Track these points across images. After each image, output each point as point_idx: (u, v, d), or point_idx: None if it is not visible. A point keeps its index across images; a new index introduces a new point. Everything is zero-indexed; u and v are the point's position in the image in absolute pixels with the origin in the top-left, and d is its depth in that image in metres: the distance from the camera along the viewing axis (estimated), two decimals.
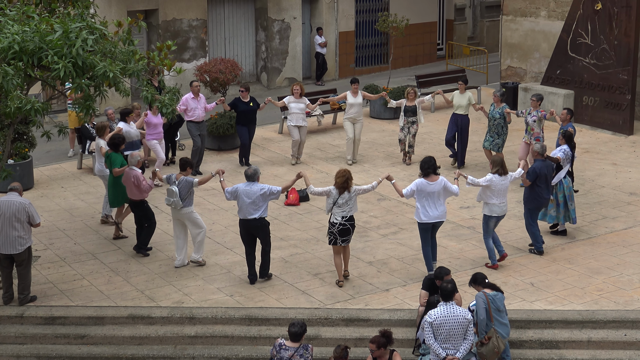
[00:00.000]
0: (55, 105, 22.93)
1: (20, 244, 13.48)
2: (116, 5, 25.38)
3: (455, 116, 20.00)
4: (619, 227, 16.61)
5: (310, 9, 30.46)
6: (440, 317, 11.26)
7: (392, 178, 14.18)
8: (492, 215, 14.65)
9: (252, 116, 20.40)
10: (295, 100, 20.34)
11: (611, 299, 13.71)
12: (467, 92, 20.06)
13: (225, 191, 14.25)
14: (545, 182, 15.19)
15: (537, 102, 18.61)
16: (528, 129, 18.58)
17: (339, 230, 13.93)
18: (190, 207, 14.70)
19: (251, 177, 14.10)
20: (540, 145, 15.40)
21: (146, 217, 15.43)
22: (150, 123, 19.06)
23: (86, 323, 13.51)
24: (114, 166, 15.65)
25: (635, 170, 19.87)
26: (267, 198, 14.05)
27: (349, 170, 14.03)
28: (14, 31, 12.23)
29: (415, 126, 20.13)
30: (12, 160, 18.41)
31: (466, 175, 14.56)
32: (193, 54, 27.35)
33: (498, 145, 19.11)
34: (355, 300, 13.77)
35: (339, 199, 13.85)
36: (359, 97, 20.38)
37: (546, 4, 25.49)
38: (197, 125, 20.02)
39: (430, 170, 14.13)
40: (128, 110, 18.61)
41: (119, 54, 12.96)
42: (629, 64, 22.38)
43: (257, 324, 13.34)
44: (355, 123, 20.39)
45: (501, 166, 14.61)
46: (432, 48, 33.69)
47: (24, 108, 12.23)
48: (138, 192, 15.17)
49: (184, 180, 14.57)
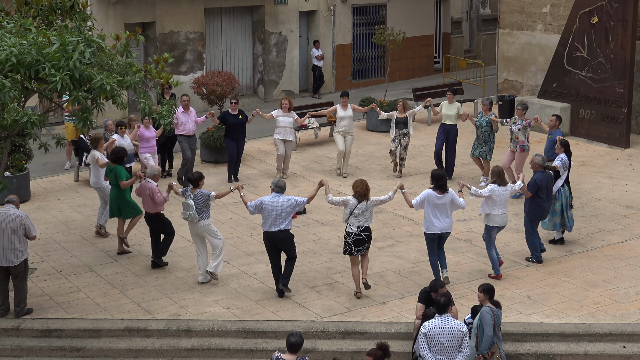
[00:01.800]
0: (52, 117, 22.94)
1: (17, 257, 13.46)
2: (113, 18, 25.42)
3: (444, 126, 20.03)
4: (616, 240, 16.62)
5: (307, 22, 30.53)
6: (434, 328, 11.27)
7: (404, 187, 14.22)
8: (493, 226, 14.68)
9: (241, 129, 20.32)
10: (284, 114, 20.31)
11: (608, 312, 13.71)
12: (456, 103, 20.11)
13: (248, 205, 14.06)
14: (546, 193, 15.24)
15: (522, 111, 18.73)
16: (513, 137, 18.70)
17: (354, 241, 13.88)
18: (207, 219, 14.57)
19: (284, 188, 14.03)
20: (541, 157, 15.45)
21: (164, 229, 15.40)
22: (143, 137, 19.02)
23: (82, 336, 13.47)
24: (120, 179, 15.64)
25: (631, 183, 19.90)
26: (294, 209, 14.02)
27: (365, 180, 14.04)
28: (12, 43, 12.25)
29: (407, 138, 20.13)
30: (9, 173, 18.41)
31: (470, 186, 14.59)
32: (190, 67, 27.38)
33: (486, 153, 19.22)
34: (352, 313, 13.75)
35: (355, 209, 13.82)
36: (349, 110, 20.42)
37: (543, 17, 25.57)
38: (188, 139, 20.01)
39: (439, 184, 14.12)
40: (122, 123, 18.60)
41: (116, 67, 12.98)
42: (625, 77, 22.44)
43: (254, 337, 13.32)
44: (346, 136, 20.43)
45: (499, 177, 14.65)
46: (429, 61, 33.78)
47: (21, 121, 12.23)
48: (153, 204, 15.16)
49: (200, 194, 14.44)
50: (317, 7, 30.14)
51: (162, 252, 15.49)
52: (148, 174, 15.32)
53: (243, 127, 20.36)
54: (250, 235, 16.92)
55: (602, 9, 22.68)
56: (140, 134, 18.98)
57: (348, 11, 30.90)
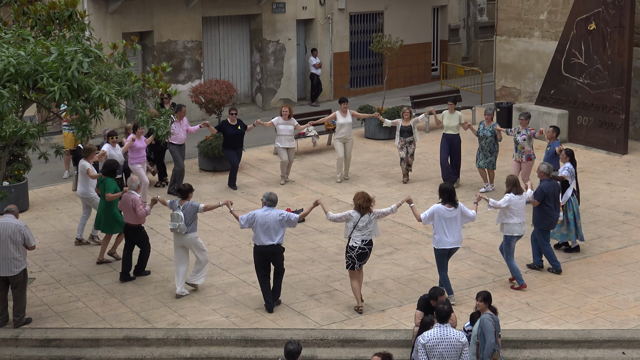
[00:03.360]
0: (50, 127, 22.96)
1: (16, 267, 13.45)
2: (111, 28, 25.45)
3: (446, 137, 19.97)
4: (614, 246, 16.63)
5: (304, 30, 30.57)
6: (433, 338, 11.08)
7: (412, 201, 14.09)
8: (513, 235, 14.60)
9: (240, 139, 20.39)
10: (284, 122, 20.37)
11: (607, 319, 13.71)
12: (457, 112, 20.03)
13: (239, 219, 13.97)
14: (553, 201, 15.18)
15: (525, 121, 18.72)
16: (518, 148, 18.64)
17: (358, 255, 13.71)
18: (194, 232, 14.49)
19: (275, 202, 13.97)
20: (547, 166, 15.40)
21: (142, 243, 15.34)
22: (134, 147, 18.92)
23: (81, 345, 13.46)
24: (108, 191, 15.59)
25: (629, 189, 19.92)
26: (285, 225, 13.91)
27: (366, 192, 13.86)
28: (10, 54, 12.27)
29: (413, 145, 20.17)
30: (7, 182, 18.41)
31: (487, 198, 14.48)
32: (188, 76, 27.41)
33: (492, 163, 19.19)
34: (351, 321, 13.75)
35: (359, 222, 13.66)
36: (349, 117, 20.44)
37: (540, 24, 25.61)
38: (179, 147, 20.04)
39: (447, 198, 13.98)
40: (113, 132, 18.49)
41: (114, 76, 12.99)
42: (623, 83, 22.47)
43: (253, 345, 13.31)
44: (346, 142, 20.45)
45: (515, 185, 14.59)
46: (427, 68, 33.83)
47: (20, 132, 12.23)
48: (135, 216, 15.10)
49: (189, 205, 14.39)
50: (314, 15, 30.19)
51: (142, 268, 15.48)
52: (131, 186, 15.29)
53: (241, 137, 20.41)
54: (249, 243, 16.88)
55: (599, 16, 22.73)
56: (132, 144, 18.92)
57: (345, 19, 30.95)
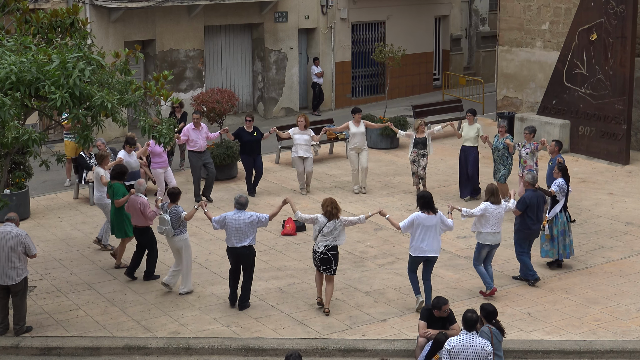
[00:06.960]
0: (52, 135, 22.96)
1: (17, 275, 13.43)
2: (113, 36, 25.48)
3: (464, 148, 19.84)
4: (616, 256, 16.60)
5: (306, 39, 30.59)
6: (459, 344, 11.00)
7: (386, 213, 14.16)
8: (484, 244, 14.63)
9: (256, 146, 20.43)
10: (300, 132, 20.38)
11: (609, 329, 13.68)
12: (476, 124, 19.82)
13: (212, 221, 14.31)
14: (535, 213, 15.13)
15: (530, 135, 18.49)
16: (521, 162, 18.50)
17: (320, 259, 13.98)
18: (183, 234, 14.79)
19: (244, 205, 14.17)
20: (532, 176, 15.37)
21: (150, 244, 15.54)
22: (154, 152, 19.17)
23: (82, 354, 13.43)
24: (116, 197, 15.65)
25: (631, 199, 19.90)
26: (256, 226, 14.14)
27: (334, 198, 14.10)
28: (12, 62, 12.27)
29: (425, 159, 19.70)
30: (9, 190, 18.40)
31: (460, 208, 14.57)
32: (190, 84, 27.43)
33: (505, 176, 19.01)
34: (352, 331, 13.72)
35: (324, 228, 13.87)
36: (362, 127, 20.37)
37: (542, 34, 25.63)
38: (199, 155, 20.07)
39: (423, 204, 14.02)
40: (132, 140, 18.61)
41: (116, 84, 13.00)
42: (625, 93, 22.47)
43: (254, 355, 13.29)
44: (360, 152, 20.37)
45: (493, 195, 14.59)
46: (429, 78, 33.84)
47: (22, 138, 12.25)
48: (143, 218, 15.25)
49: (175, 210, 14.71)
50: (316, 24, 30.21)
51: (150, 271, 15.65)
52: (138, 189, 15.48)
53: (258, 144, 20.49)
54: None
55: (601, 26, 22.74)
56: (151, 149, 19.10)
57: (347, 28, 30.98)
